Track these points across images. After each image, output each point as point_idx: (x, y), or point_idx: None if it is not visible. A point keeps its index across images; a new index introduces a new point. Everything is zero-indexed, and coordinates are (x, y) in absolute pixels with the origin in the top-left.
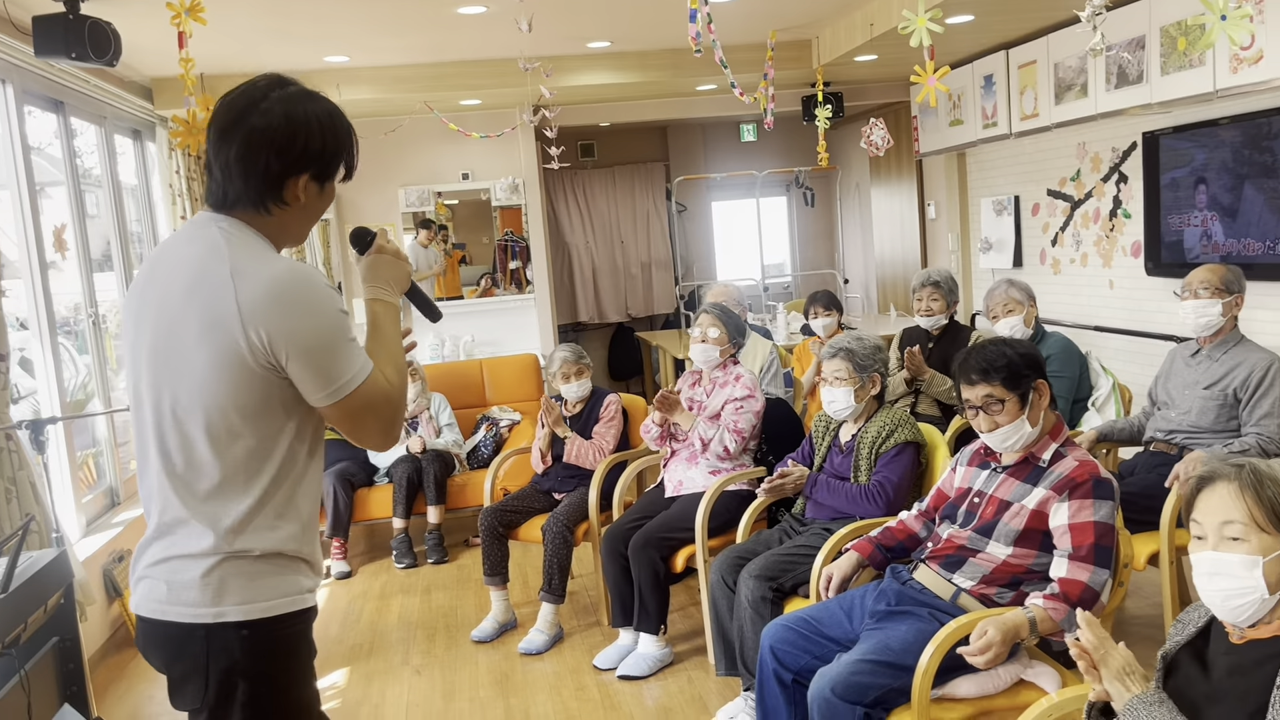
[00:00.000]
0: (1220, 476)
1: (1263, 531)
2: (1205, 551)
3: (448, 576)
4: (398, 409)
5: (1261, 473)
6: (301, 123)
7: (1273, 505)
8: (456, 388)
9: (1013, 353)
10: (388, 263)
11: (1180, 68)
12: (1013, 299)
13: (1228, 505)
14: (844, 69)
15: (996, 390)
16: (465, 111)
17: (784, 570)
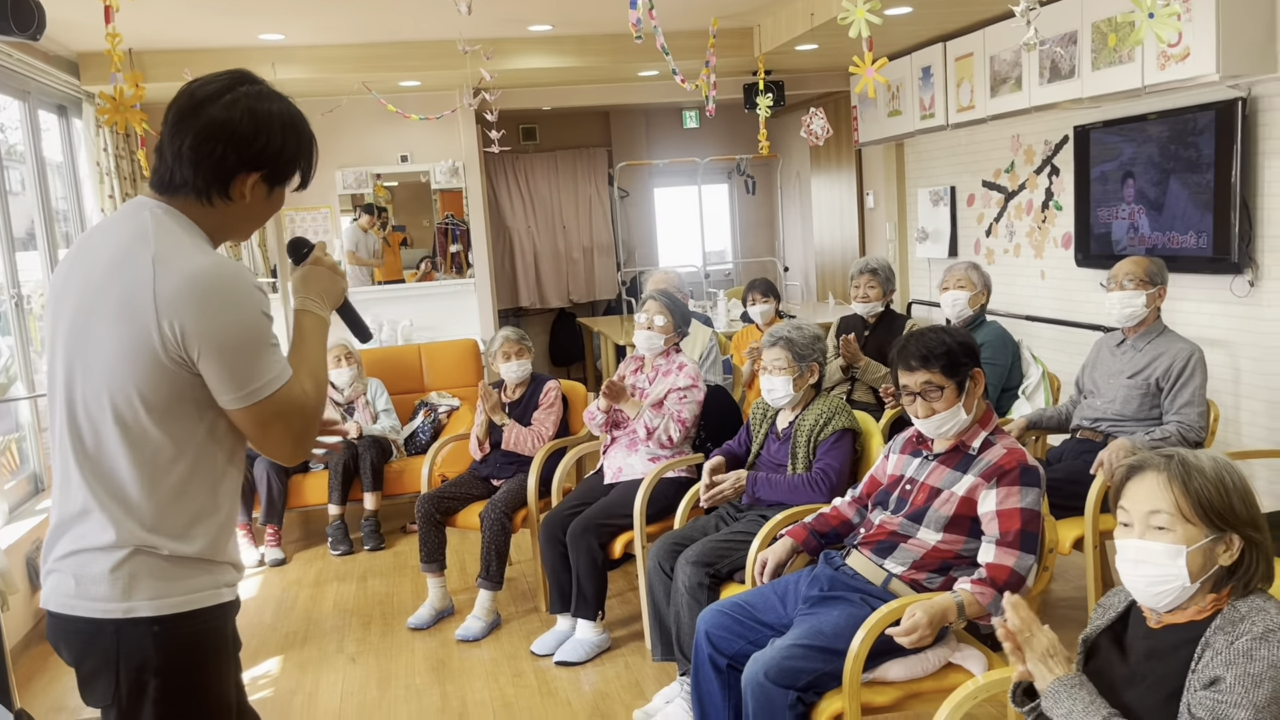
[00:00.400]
0: (1150, 466)
1: (1188, 522)
2: (1131, 539)
3: (384, 563)
4: (310, 422)
5: (1190, 465)
6: (264, 121)
7: (1199, 497)
8: (394, 373)
9: (951, 340)
10: (323, 275)
11: (1110, 63)
12: (968, 278)
13: (1156, 495)
14: (785, 58)
15: (936, 377)
16: (404, 93)
17: (721, 556)
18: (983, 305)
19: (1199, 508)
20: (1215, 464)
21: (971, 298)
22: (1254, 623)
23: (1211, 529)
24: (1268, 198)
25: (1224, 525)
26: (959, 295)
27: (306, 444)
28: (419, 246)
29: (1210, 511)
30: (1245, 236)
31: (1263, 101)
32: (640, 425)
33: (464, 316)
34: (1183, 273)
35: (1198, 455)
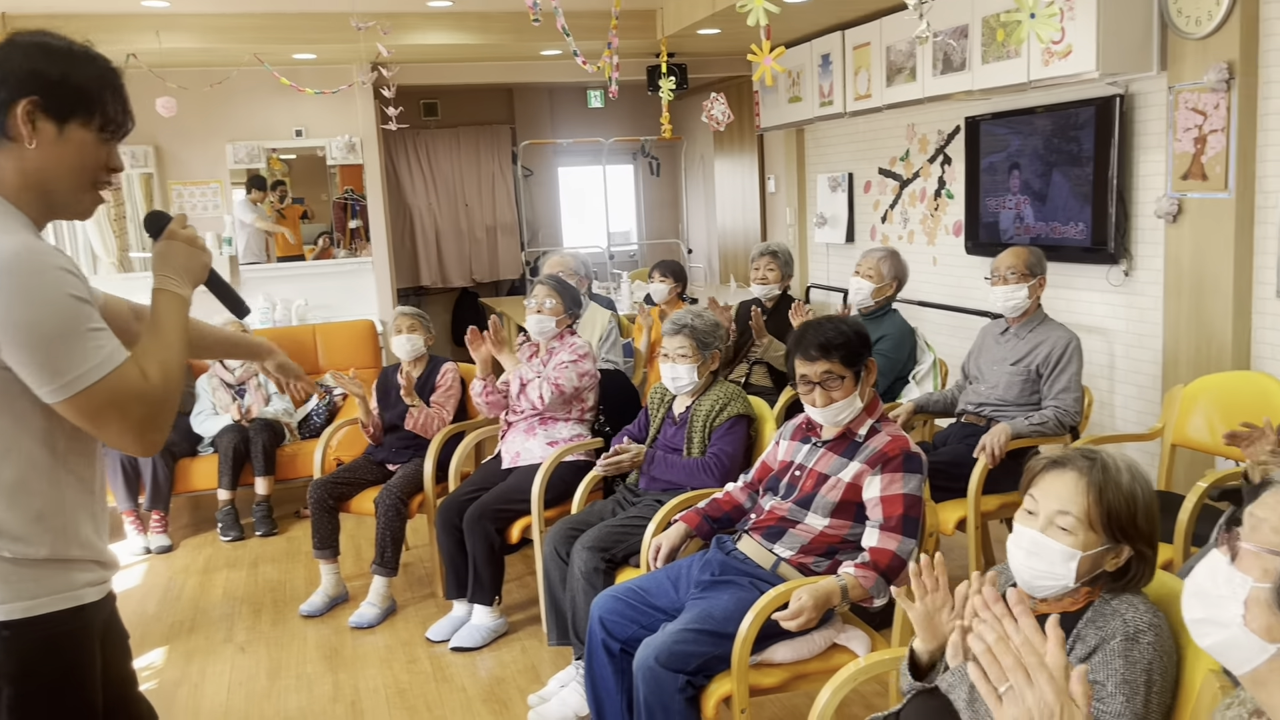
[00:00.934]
0: (1072, 466)
1: (1091, 529)
2: (1032, 530)
3: (276, 549)
4: (156, 410)
5: (1109, 474)
6: (24, 43)
7: (1110, 510)
8: (288, 354)
9: (849, 330)
10: (181, 250)
11: (999, 57)
12: (879, 270)
13: (1070, 496)
14: (688, 41)
15: (835, 367)
16: (299, 66)
17: (616, 541)
18: (888, 298)
19: (1105, 518)
20: (1132, 478)
21: (876, 289)
22: (1124, 620)
23: (1109, 539)
24: (1142, 191)
25: (1122, 538)
26: (863, 284)
27: (152, 433)
28: (320, 221)
29: (1114, 524)
30: (1121, 228)
31: (1139, 99)
32: (515, 378)
33: (361, 296)
34: (1064, 262)
35: (1118, 466)
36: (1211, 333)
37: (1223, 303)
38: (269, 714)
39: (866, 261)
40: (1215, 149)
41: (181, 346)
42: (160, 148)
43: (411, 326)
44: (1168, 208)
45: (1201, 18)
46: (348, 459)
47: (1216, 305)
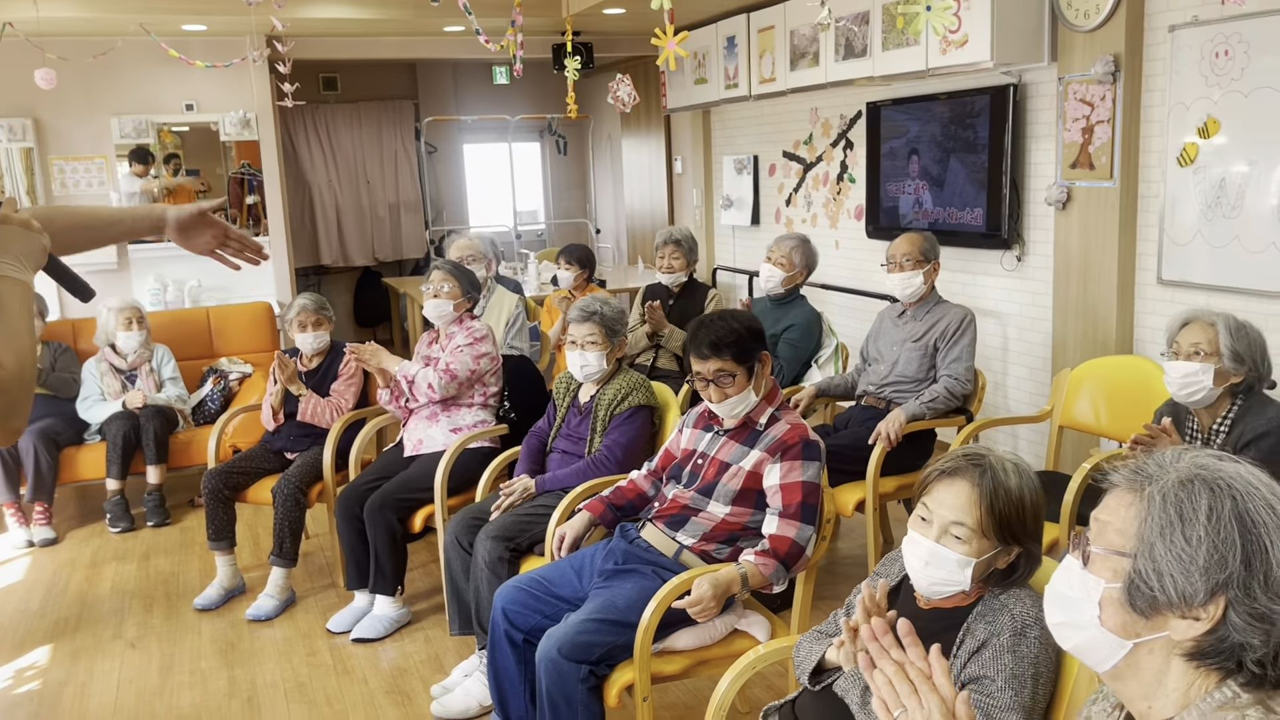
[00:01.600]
0: (963, 476)
1: (984, 537)
2: (927, 540)
3: (169, 540)
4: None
5: (999, 483)
6: None
7: (1000, 518)
8: (180, 338)
9: (740, 326)
10: (16, 235)
11: (898, 45)
12: (790, 258)
13: (963, 507)
14: (594, 20)
15: (727, 364)
16: (189, 37)
17: (521, 530)
18: (797, 285)
19: (997, 526)
20: (1020, 480)
21: (786, 277)
22: (1012, 615)
23: (1001, 543)
24: (1034, 179)
25: (1013, 540)
26: (775, 272)
27: (15, 421)
28: (216, 195)
29: (1005, 530)
30: (1014, 214)
31: (1031, 88)
32: (401, 378)
33: (258, 277)
34: (961, 247)
35: (1006, 470)
36: (1097, 317)
37: (1108, 288)
38: (161, 712)
39: (779, 249)
40: (1101, 139)
41: (30, 332)
42: (40, 121)
43: (317, 323)
44: (1057, 195)
45: (1090, 11)
46: (245, 446)
47: (1102, 290)
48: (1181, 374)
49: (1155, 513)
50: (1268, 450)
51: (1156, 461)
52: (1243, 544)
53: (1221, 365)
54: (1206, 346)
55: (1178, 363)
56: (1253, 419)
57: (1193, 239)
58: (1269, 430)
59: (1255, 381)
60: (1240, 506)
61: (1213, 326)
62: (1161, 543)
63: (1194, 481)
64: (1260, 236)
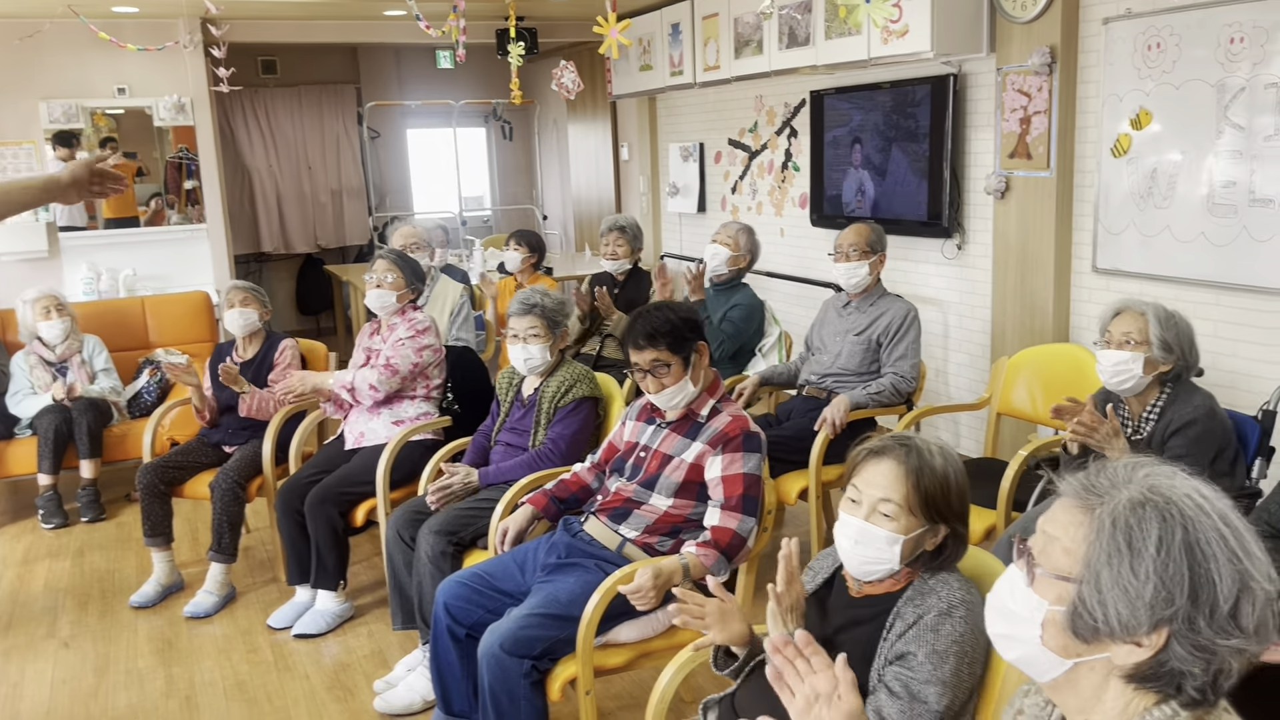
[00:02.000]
0: (890, 454)
1: (911, 514)
2: (857, 519)
3: (105, 536)
4: None
5: (925, 461)
6: None
7: (927, 494)
8: (114, 328)
9: (675, 317)
10: None
11: (841, 34)
12: (737, 240)
13: (890, 484)
14: (538, 5)
15: (663, 355)
16: (119, 19)
17: (464, 524)
18: (741, 269)
19: (923, 502)
20: (944, 460)
21: (732, 257)
22: (939, 597)
23: (928, 521)
24: (973, 168)
25: (939, 519)
26: (721, 250)
27: None
28: (154, 180)
29: (931, 507)
30: (955, 203)
31: (971, 78)
32: (340, 389)
33: (196, 265)
34: (902, 235)
35: (931, 449)
36: (1035, 304)
37: (1045, 276)
38: (96, 714)
39: (726, 230)
40: (1039, 129)
41: None
42: None
43: (245, 300)
44: (996, 185)
45: (1026, 3)
46: (183, 438)
47: (1039, 278)
48: (1113, 362)
49: (1104, 538)
50: (1193, 437)
51: (1109, 476)
52: (1190, 578)
53: (1151, 354)
54: (1137, 335)
55: (1109, 351)
56: (1180, 407)
57: (1126, 228)
58: (1195, 418)
59: (1183, 370)
60: (1190, 537)
61: (1143, 316)
62: (1108, 572)
63: (1145, 506)
64: (1190, 226)
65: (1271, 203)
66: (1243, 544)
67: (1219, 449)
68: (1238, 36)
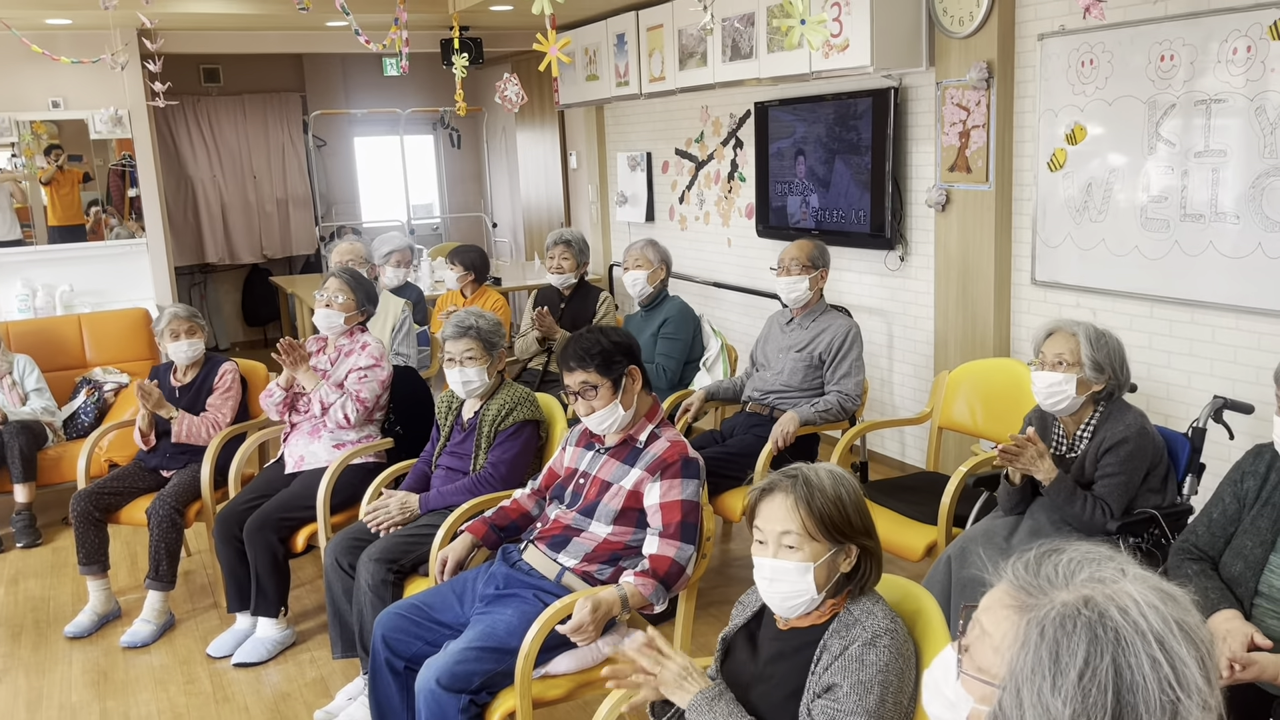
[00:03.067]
0: (778, 489)
1: (814, 540)
2: (766, 559)
3: (40, 562)
4: None
5: (812, 485)
6: None
7: (822, 515)
8: (49, 347)
9: (606, 341)
10: None
11: (783, 47)
12: (645, 257)
13: (784, 516)
14: (482, 15)
15: (592, 376)
16: (53, 31)
17: (404, 552)
18: (663, 280)
19: (822, 525)
20: (834, 480)
21: (650, 275)
22: (864, 627)
23: (833, 542)
24: (915, 180)
25: (843, 538)
26: (638, 275)
27: None
28: (96, 188)
29: (831, 527)
30: (897, 215)
31: (912, 91)
32: (316, 400)
33: (136, 279)
34: (846, 246)
35: (819, 474)
36: (976, 315)
37: (985, 288)
38: None
39: (631, 254)
40: (978, 143)
41: None
42: None
43: (189, 330)
44: (937, 198)
45: (964, 18)
46: (122, 460)
47: (980, 290)
48: (1046, 384)
49: (1030, 649)
50: (1125, 455)
51: (1049, 572)
52: (1113, 708)
53: (1083, 374)
54: (1069, 356)
55: (1043, 373)
56: (1112, 425)
57: (1063, 241)
58: (1127, 436)
59: (1115, 389)
60: (1120, 661)
61: (1074, 337)
62: (1029, 688)
63: (1077, 620)
64: (1124, 240)
65: (1202, 218)
66: (1178, 671)
67: (1150, 466)
68: (1168, 54)
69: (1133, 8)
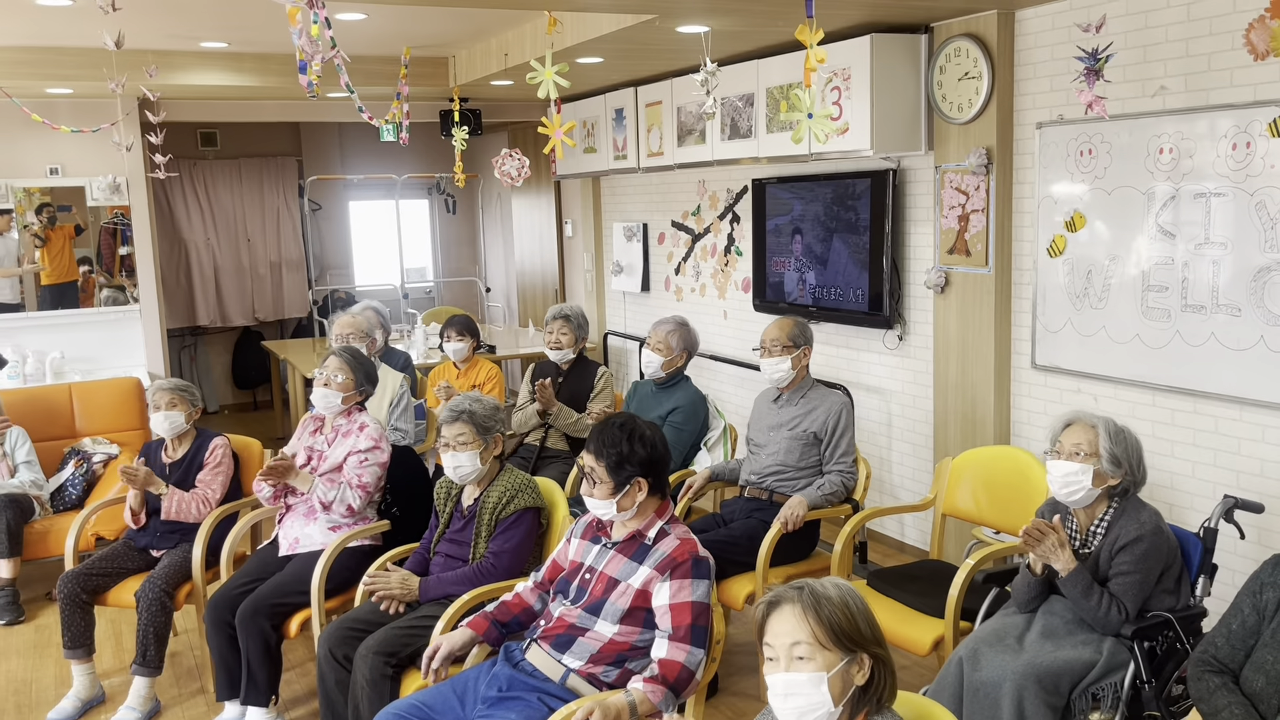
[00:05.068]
0: (785, 600)
1: (825, 649)
2: (779, 674)
3: (23, 640)
4: None
5: (819, 594)
6: None
7: (831, 623)
8: (39, 417)
9: (627, 448)
10: None
11: (782, 127)
12: (667, 344)
13: (794, 627)
14: (482, 89)
15: (599, 469)
16: (53, 99)
17: (403, 644)
18: (679, 369)
19: (831, 633)
20: (840, 590)
21: (665, 362)
22: None
23: (845, 652)
24: (913, 261)
25: (854, 646)
26: (654, 358)
27: None
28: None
29: (841, 635)
30: (895, 295)
31: (909, 174)
32: (315, 500)
33: (128, 346)
34: (844, 324)
35: (824, 584)
36: (976, 397)
37: (985, 370)
38: None
39: (656, 334)
40: (977, 227)
41: None
42: None
43: (171, 402)
44: (936, 279)
45: (963, 105)
46: (110, 534)
47: (979, 372)
48: (1063, 473)
49: None
50: (1140, 554)
51: None
52: None
53: (1100, 466)
54: (1087, 448)
55: (1059, 462)
56: (1127, 522)
57: (1064, 326)
58: (1142, 534)
59: (1130, 485)
60: None
61: (1094, 429)
62: None
63: None
64: (1125, 328)
65: (1203, 308)
66: None
67: (1165, 566)
68: (1166, 148)
69: (1130, 101)
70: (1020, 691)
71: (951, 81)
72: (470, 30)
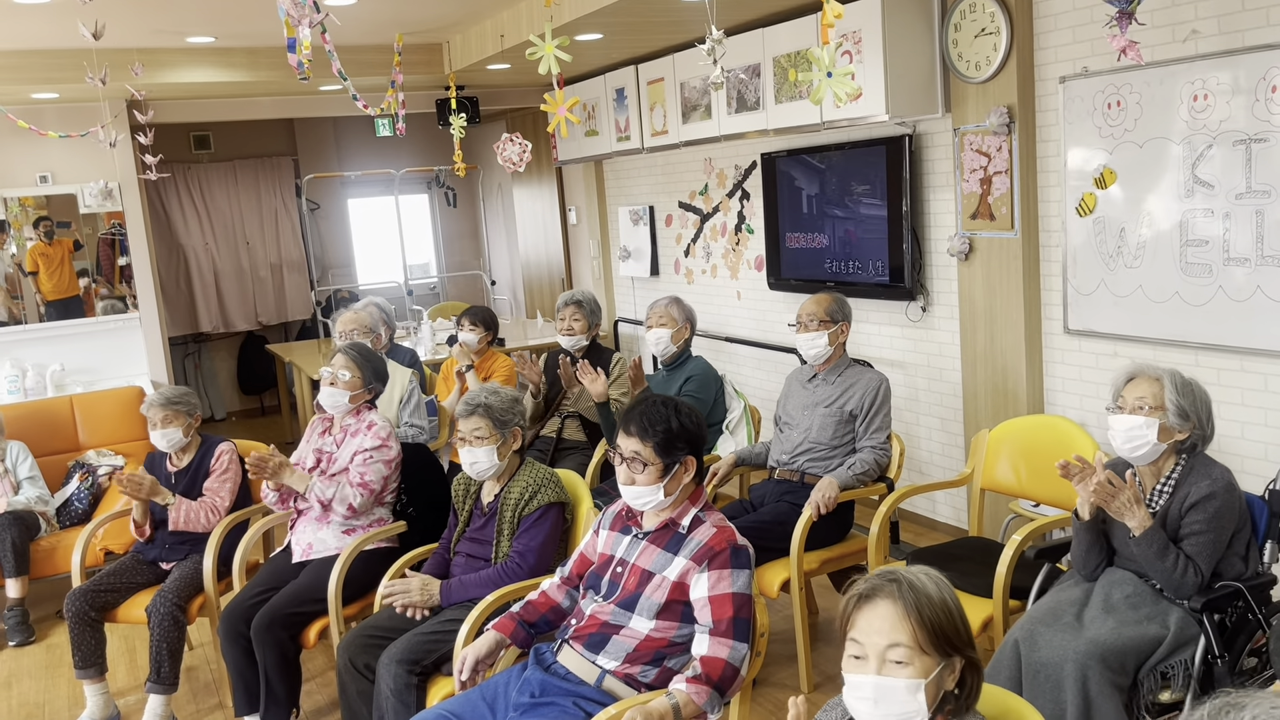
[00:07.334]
0: (882, 595)
1: (924, 654)
2: (868, 676)
3: (34, 661)
4: None
5: (920, 593)
6: None
7: (934, 626)
8: (41, 431)
9: (676, 422)
10: None
11: (791, 97)
12: (670, 315)
13: (893, 628)
14: (478, 75)
15: (646, 451)
16: (40, 105)
17: (427, 651)
18: (687, 340)
19: (933, 637)
20: (938, 587)
21: (674, 334)
22: None
23: (942, 656)
24: (934, 228)
25: (952, 650)
26: (661, 333)
27: None
28: (87, 257)
29: (942, 639)
30: (916, 265)
31: (927, 138)
32: (313, 499)
33: (129, 355)
34: (865, 298)
35: (922, 579)
36: (1006, 366)
37: (1015, 338)
38: None
39: (655, 311)
40: (1000, 190)
41: None
42: None
43: (166, 419)
44: (960, 246)
45: (980, 62)
46: (118, 548)
47: (1009, 340)
48: (1126, 427)
49: None
50: (1213, 513)
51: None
52: None
53: (1166, 420)
54: (1152, 401)
55: (1123, 416)
56: (1197, 479)
57: (1097, 288)
58: (1214, 491)
59: (1199, 440)
60: None
61: (1159, 381)
62: None
63: None
64: (1164, 286)
65: (1248, 261)
66: None
67: (1236, 528)
68: (1201, 94)
69: (1159, 48)
70: (1084, 672)
71: (967, 39)
72: (465, 12)
